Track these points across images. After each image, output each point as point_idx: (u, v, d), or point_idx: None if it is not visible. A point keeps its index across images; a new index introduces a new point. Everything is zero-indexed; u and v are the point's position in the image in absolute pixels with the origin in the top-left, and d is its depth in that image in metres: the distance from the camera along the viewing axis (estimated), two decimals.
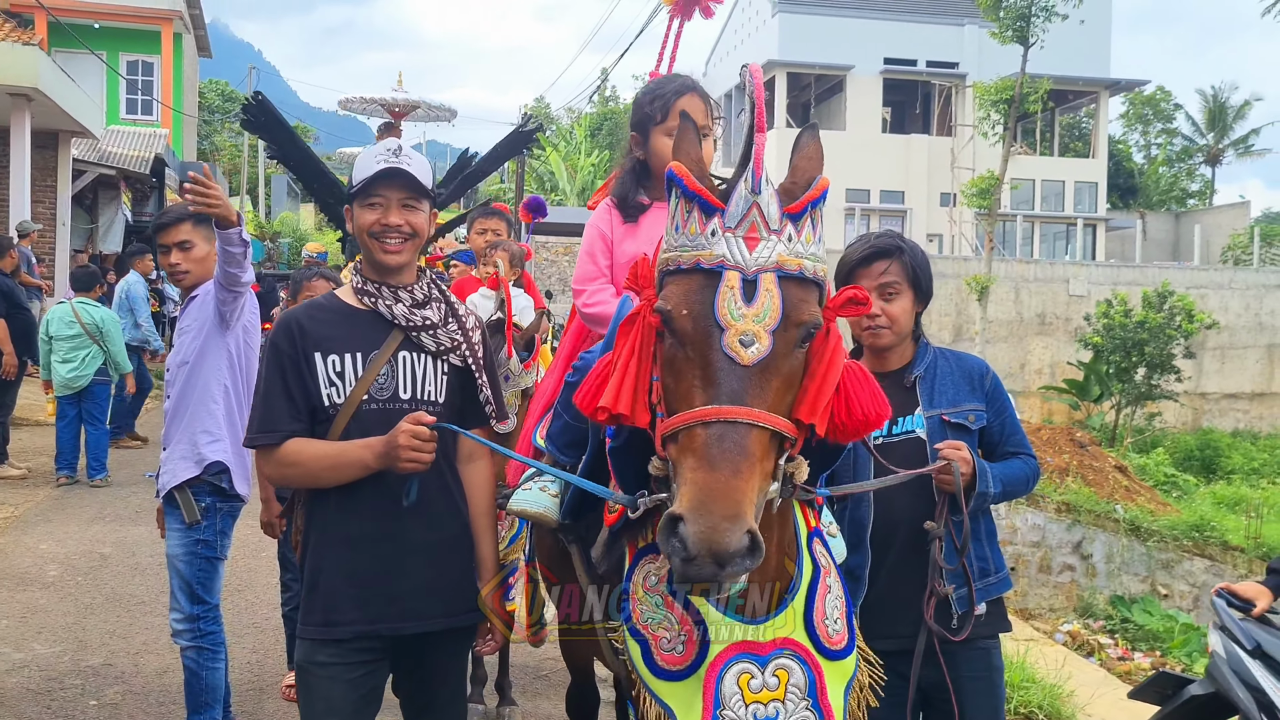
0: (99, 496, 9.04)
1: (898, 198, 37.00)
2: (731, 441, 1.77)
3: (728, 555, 1.69)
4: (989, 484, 2.76)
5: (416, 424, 2.43)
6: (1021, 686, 5.16)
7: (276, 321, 2.72)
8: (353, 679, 2.57)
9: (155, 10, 22.88)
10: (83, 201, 18.90)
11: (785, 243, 1.91)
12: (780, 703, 2.10)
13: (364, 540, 2.58)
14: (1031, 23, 21.46)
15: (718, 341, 1.84)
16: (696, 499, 1.72)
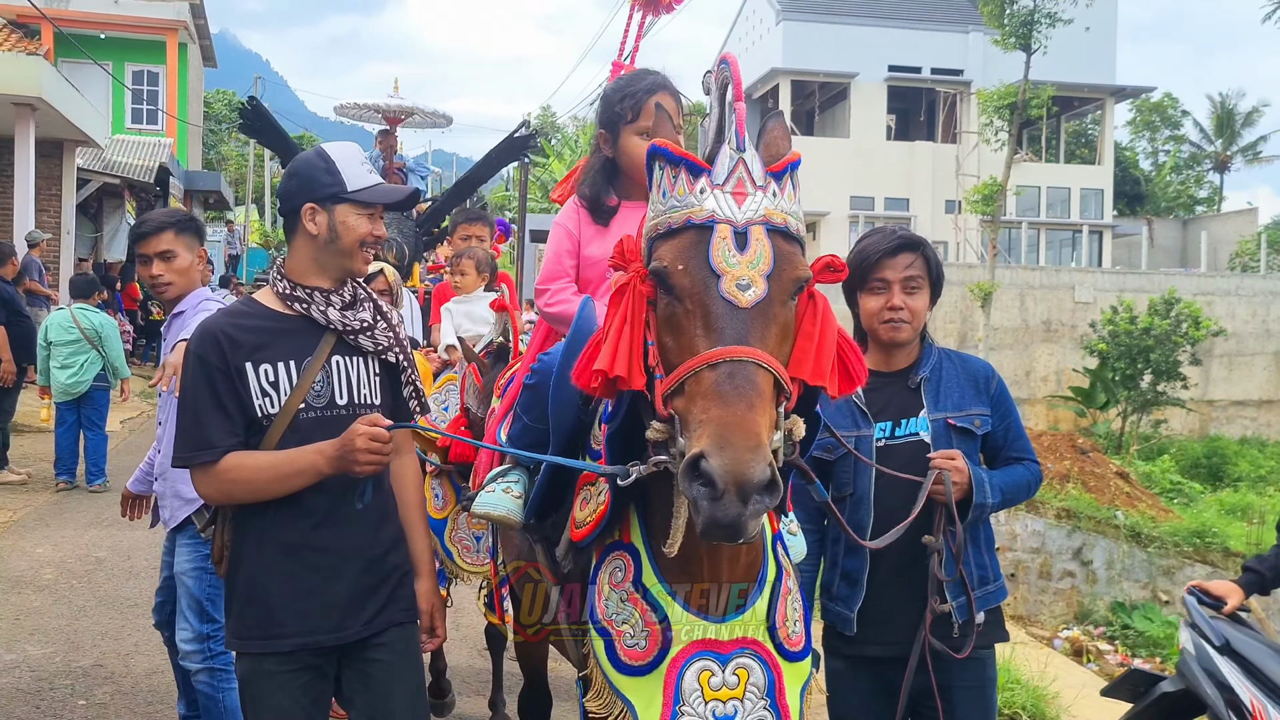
0: (97, 501, 9.09)
1: (902, 205, 37.01)
2: (742, 378, 1.78)
3: (753, 486, 1.68)
4: (987, 495, 2.73)
5: (373, 426, 2.39)
6: (1006, 688, 5.16)
7: (197, 331, 2.59)
8: (302, 683, 2.54)
9: (160, 21, 23.03)
10: (88, 210, 19.03)
11: (771, 198, 1.95)
12: (739, 701, 2.13)
13: (303, 548, 2.52)
14: (1035, 30, 21.50)
15: (715, 289, 1.86)
16: (717, 434, 1.72)
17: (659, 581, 2.15)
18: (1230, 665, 3.30)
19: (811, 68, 36.76)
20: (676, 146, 2.01)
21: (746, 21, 40.81)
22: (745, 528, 1.71)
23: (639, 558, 2.19)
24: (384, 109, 7.39)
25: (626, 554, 2.21)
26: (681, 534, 1.97)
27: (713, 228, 1.90)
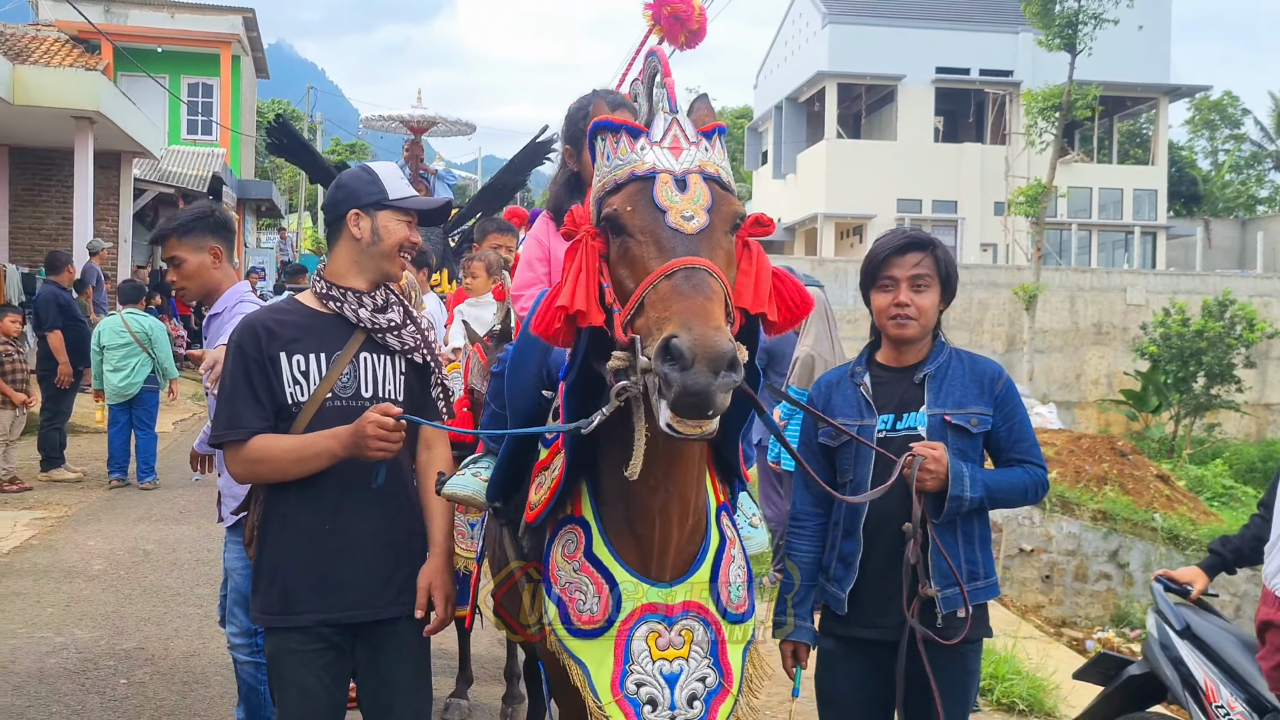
0: (147, 498, 9.48)
1: (950, 207, 36.78)
2: (698, 279, 1.94)
3: (720, 357, 1.80)
4: (965, 489, 2.76)
5: (384, 414, 2.55)
6: (1006, 679, 5.27)
7: (239, 324, 2.80)
8: (324, 662, 2.69)
9: (214, 34, 23.71)
10: (144, 219, 19.64)
11: (704, 151, 2.15)
12: (684, 660, 2.30)
13: (321, 531, 2.68)
14: (1080, 30, 21.35)
15: (663, 220, 2.04)
16: (683, 318, 1.86)
17: (608, 551, 2.31)
18: (1189, 648, 3.42)
19: (858, 70, 36.69)
20: (612, 115, 2.20)
21: (793, 25, 40.80)
22: (714, 397, 1.82)
23: (589, 530, 2.34)
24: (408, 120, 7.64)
25: (578, 527, 2.36)
26: (641, 457, 2.09)
27: (654, 176, 2.09)
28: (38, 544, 7.78)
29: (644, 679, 2.27)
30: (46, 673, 5.25)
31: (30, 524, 8.32)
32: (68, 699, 4.92)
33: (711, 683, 2.32)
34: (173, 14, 23.76)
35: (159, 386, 9.87)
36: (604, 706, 2.25)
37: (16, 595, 6.52)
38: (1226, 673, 3.29)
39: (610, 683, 2.26)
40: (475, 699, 4.98)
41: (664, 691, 2.27)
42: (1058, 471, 13.27)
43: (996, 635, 5.82)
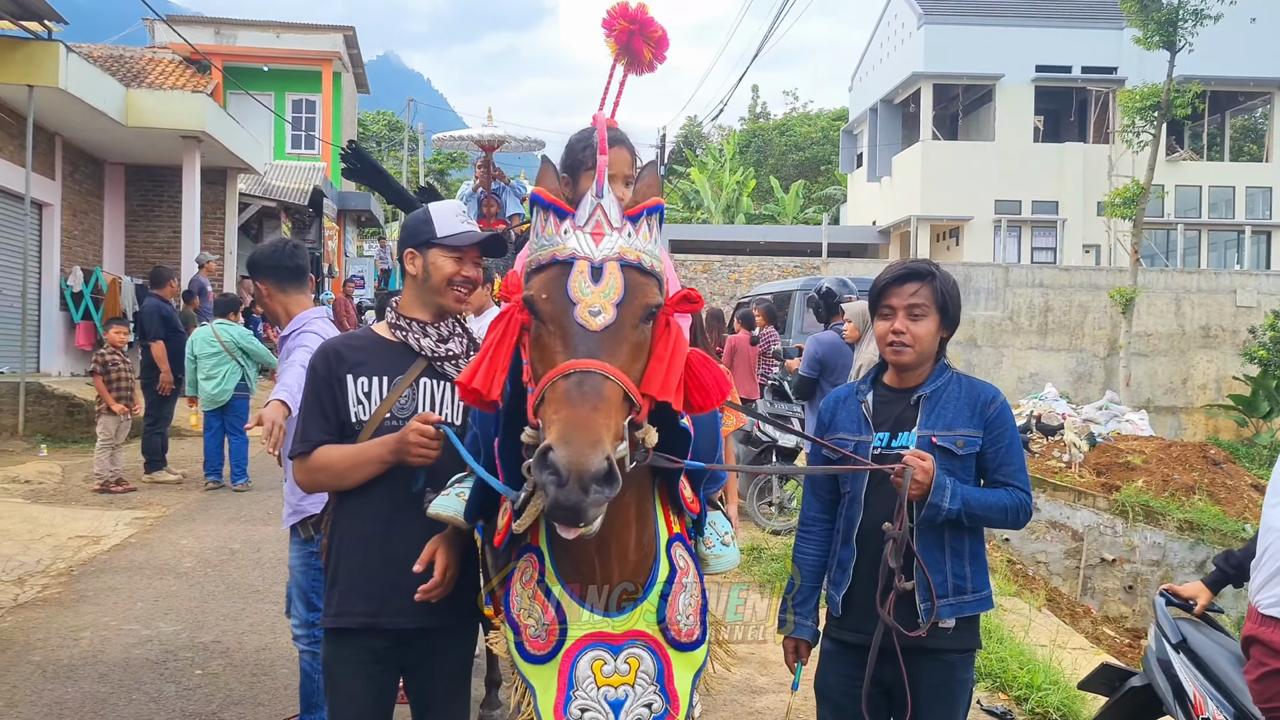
0: (239, 499, 10.04)
1: (1051, 208, 35.97)
2: (589, 386, 2.01)
3: (590, 476, 1.89)
4: (945, 499, 2.85)
5: (424, 423, 2.76)
6: (1042, 689, 5.33)
7: (317, 349, 3.05)
8: (370, 674, 2.88)
9: (317, 52, 24.66)
10: (249, 231, 20.55)
11: (626, 238, 2.21)
12: (630, 687, 2.39)
13: (374, 539, 2.87)
14: (1179, 27, 20.77)
15: (571, 315, 2.12)
16: (561, 431, 1.95)
17: (558, 580, 2.42)
18: (1182, 661, 3.49)
19: (954, 71, 36.14)
20: (548, 194, 2.28)
21: (888, 26, 40.38)
22: (586, 512, 1.92)
23: (543, 559, 2.46)
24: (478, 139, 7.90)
25: (534, 555, 2.48)
26: (533, 518, 2.26)
27: (572, 263, 2.16)
28: (135, 542, 8.34)
29: (588, 704, 2.37)
30: (130, 662, 5.70)
31: (131, 523, 8.91)
32: (146, 687, 5.35)
33: (658, 709, 2.41)
34: (278, 34, 24.78)
35: (249, 393, 10.41)
36: None
37: (112, 590, 7.04)
38: (1217, 686, 3.34)
39: (554, 706, 2.37)
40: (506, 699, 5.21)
41: (608, 717, 2.37)
42: (1144, 480, 13.02)
43: (1036, 646, 5.92)
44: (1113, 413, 15.75)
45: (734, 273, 28.94)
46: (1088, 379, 27.78)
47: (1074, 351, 28.70)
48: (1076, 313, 28.60)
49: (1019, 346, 28.64)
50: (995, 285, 28.72)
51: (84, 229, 16.97)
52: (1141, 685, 3.71)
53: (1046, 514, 12.57)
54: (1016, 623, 6.49)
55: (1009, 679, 5.42)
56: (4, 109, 13.71)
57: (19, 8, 12.46)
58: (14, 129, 13.82)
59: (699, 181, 43.88)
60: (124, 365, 10.21)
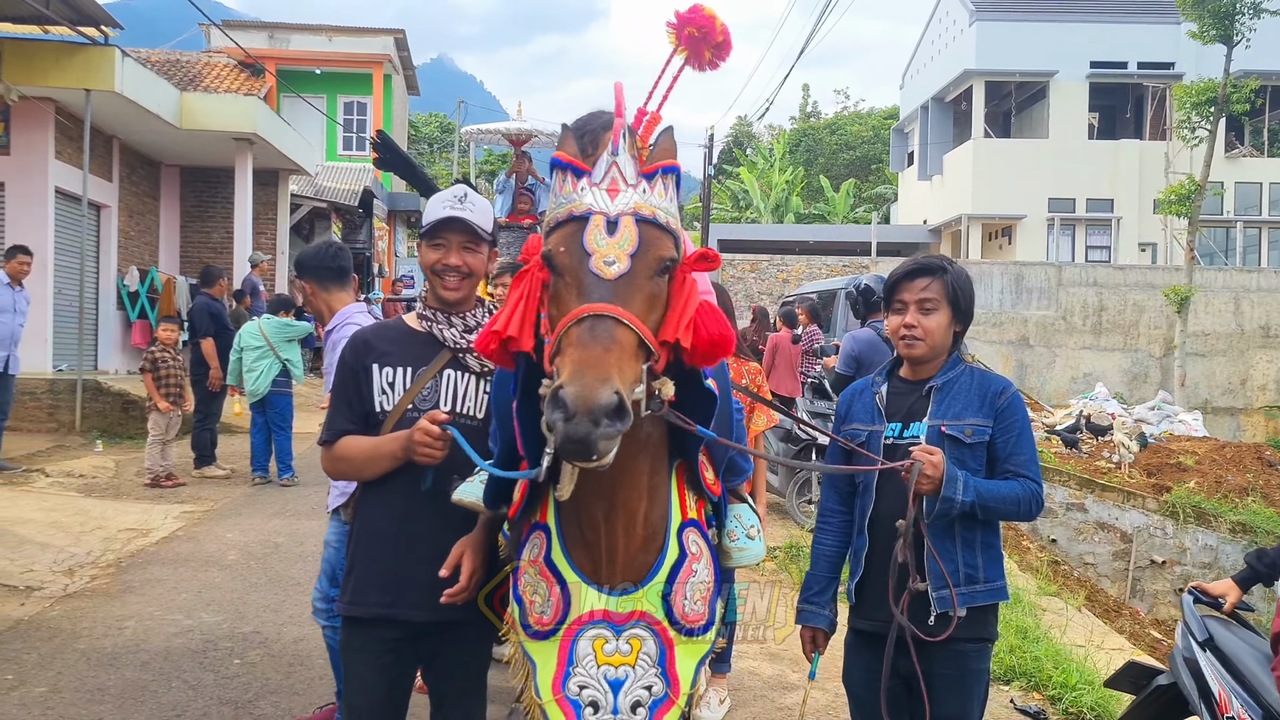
0: (285, 494, 10.21)
1: (1106, 206, 35.43)
2: (601, 329, 2.05)
3: (599, 409, 1.91)
4: (957, 492, 2.89)
5: (431, 422, 2.72)
6: (1076, 688, 5.27)
7: (349, 338, 3.07)
8: (381, 664, 2.90)
9: (368, 55, 24.99)
10: (300, 231, 20.87)
11: (641, 194, 2.24)
12: (630, 668, 2.38)
13: (389, 534, 2.90)
14: (1236, 21, 20.38)
15: (586, 265, 2.15)
16: (573, 369, 1.98)
17: (564, 556, 2.43)
18: (1208, 659, 3.44)
19: (1007, 68, 35.73)
20: (566, 155, 2.33)
21: (940, 23, 40.02)
22: (595, 444, 1.93)
23: (550, 536, 2.47)
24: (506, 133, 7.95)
25: (542, 533, 2.49)
26: (572, 479, 2.25)
27: (589, 218, 2.20)
28: (183, 535, 8.51)
29: (587, 682, 2.38)
30: (171, 651, 5.82)
31: (179, 517, 9.10)
32: (186, 675, 5.47)
33: (658, 691, 2.41)
34: (330, 37, 25.14)
35: (290, 391, 10.57)
36: (544, 705, 2.39)
37: (158, 581, 7.19)
38: (1243, 684, 3.29)
39: (552, 682, 2.39)
40: None
41: (607, 696, 2.37)
42: (1196, 481, 12.79)
43: (1073, 646, 5.85)
44: (1165, 413, 15.49)
45: (781, 272, 28.83)
46: (1143, 379, 27.33)
47: (1129, 351, 28.25)
48: (1131, 312, 28.15)
49: (1072, 346, 28.25)
50: (1048, 284, 28.35)
51: (140, 230, 17.34)
52: (1168, 684, 3.66)
53: (1095, 515, 12.40)
54: (1054, 622, 6.41)
55: (1044, 678, 5.37)
56: (63, 113, 14.06)
57: (77, 14, 12.78)
58: (73, 132, 14.16)
59: (748, 181, 43.77)
60: (173, 363, 10.41)
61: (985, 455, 3.06)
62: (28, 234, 13.68)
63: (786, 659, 5.77)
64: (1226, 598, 3.64)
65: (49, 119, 13.84)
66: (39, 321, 13.83)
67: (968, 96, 37.07)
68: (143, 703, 5.08)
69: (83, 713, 4.92)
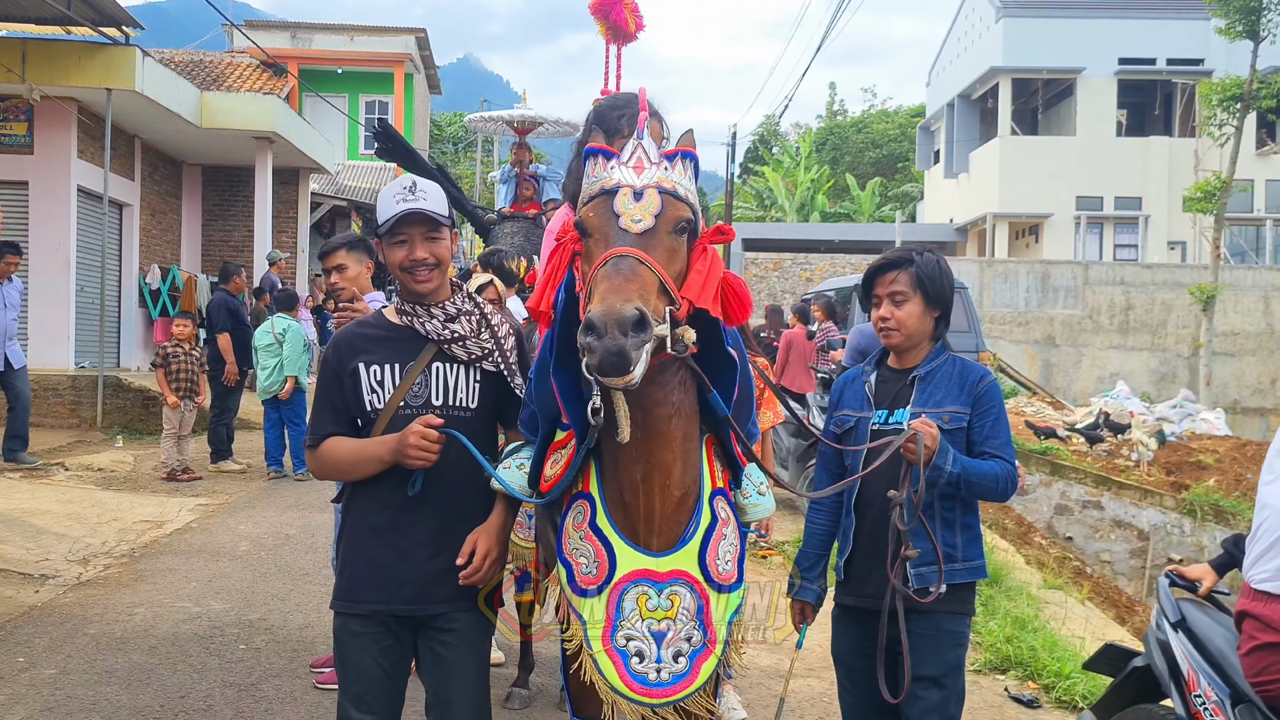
0: (299, 488, 10.31)
1: (1134, 204, 35.07)
2: (624, 265, 2.31)
3: (625, 321, 2.16)
4: (948, 461, 3.07)
5: (426, 425, 2.75)
6: (1069, 677, 5.26)
7: (330, 340, 3.08)
8: (381, 648, 2.91)
9: (389, 54, 25.18)
10: (321, 230, 21.05)
11: (663, 170, 2.52)
12: (671, 621, 2.59)
13: (382, 529, 2.90)
14: (1263, 16, 20.16)
15: (615, 224, 2.43)
16: (601, 294, 2.24)
17: (608, 521, 2.64)
18: (1180, 640, 3.44)
19: (1034, 65, 35.46)
20: (601, 143, 2.62)
21: (965, 20, 39.78)
22: (628, 355, 2.18)
23: (594, 504, 2.66)
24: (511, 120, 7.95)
25: (586, 501, 2.69)
26: (627, 421, 2.44)
27: (617, 190, 2.48)
28: (196, 527, 8.62)
29: (633, 634, 2.58)
30: (179, 637, 5.91)
31: (194, 509, 9.21)
32: (191, 659, 5.55)
33: (696, 642, 2.61)
34: (352, 37, 25.36)
35: (302, 386, 10.64)
36: (595, 654, 2.59)
37: (170, 571, 7.30)
38: (1213, 665, 3.29)
39: (602, 634, 2.59)
40: (536, 686, 5.16)
41: (651, 646, 2.58)
42: (1215, 480, 12.67)
43: (1073, 637, 5.84)
44: (1187, 411, 15.36)
45: (805, 270, 28.79)
46: (1171, 379, 27.08)
47: (1156, 351, 28.00)
48: (1159, 311, 27.91)
49: (1099, 346, 28.03)
50: (1074, 283, 28.15)
51: (162, 228, 17.55)
52: (1144, 665, 3.66)
53: (1112, 513, 12.32)
54: (1054, 614, 6.40)
55: (1038, 667, 5.38)
56: (85, 112, 14.25)
57: (98, 14, 12.95)
58: (95, 131, 14.35)
59: (772, 180, 43.69)
60: (185, 358, 10.42)
61: (964, 440, 3.22)
62: (50, 232, 13.93)
63: (784, 649, 5.78)
64: (1202, 581, 3.65)
65: (71, 118, 14.04)
66: (61, 319, 14.06)
67: (994, 94, 36.83)
68: (148, 685, 5.16)
69: (90, 694, 5.00)
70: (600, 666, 2.58)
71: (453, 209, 7.66)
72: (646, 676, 2.56)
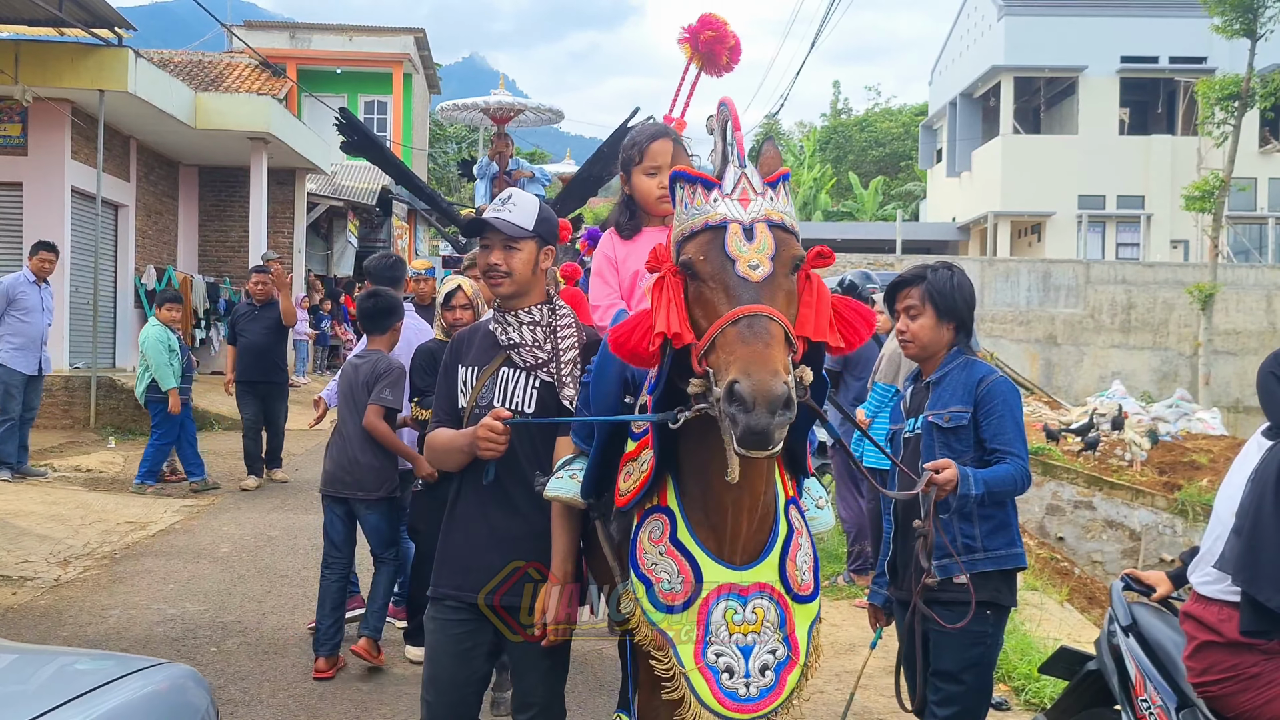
0: (285, 490, 10.31)
1: (1137, 203, 35.01)
2: (760, 326, 2.23)
3: (777, 400, 2.11)
4: (971, 488, 3.23)
5: (495, 419, 2.90)
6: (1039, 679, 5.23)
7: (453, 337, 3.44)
8: (452, 634, 3.10)
9: (388, 54, 25.19)
10: (318, 230, 21.06)
11: (769, 201, 2.41)
12: (757, 634, 2.58)
13: (462, 522, 3.15)
14: (1260, 14, 20.08)
15: (732, 270, 2.32)
16: (744, 364, 2.16)
17: (691, 537, 2.60)
18: (1130, 643, 3.44)
19: (1036, 63, 35.43)
20: (691, 169, 2.55)
21: (968, 19, 39.72)
22: (773, 435, 2.14)
23: (674, 519, 2.63)
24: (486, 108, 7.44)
25: (664, 515, 2.65)
26: (737, 462, 2.36)
27: (725, 227, 2.36)
28: (179, 529, 8.63)
29: (722, 650, 2.56)
30: (151, 639, 5.92)
31: (179, 511, 9.21)
32: None
33: (781, 655, 2.60)
34: (351, 37, 25.39)
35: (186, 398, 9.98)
36: (688, 673, 2.55)
37: (149, 573, 7.30)
38: (1161, 669, 3.30)
39: (694, 652, 2.56)
40: None
41: (739, 661, 2.56)
42: (1209, 479, 12.61)
43: (1049, 639, 5.81)
44: (1182, 410, 15.31)
45: None
46: (1172, 378, 27.00)
47: (1158, 350, 27.93)
48: (1161, 310, 27.84)
49: (1100, 345, 27.97)
50: (1076, 282, 28.09)
51: (158, 229, 17.56)
52: (1097, 669, 3.65)
53: (1103, 513, 12.28)
54: (1031, 615, 6.38)
55: (1009, 670, 5.36)
56: (79, 114, 14.26)
57: (90, 15, 12.96)
58: (89, 133, 14.36)
59: None
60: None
61: (971, 437, 3.42)
62: (45, 233, 13.82)
63: None
64: (1158, 588, 3.64)
65: (65, 120, 14.04)
66: (57, 319, 14.02)
67: (996, 92, 36.79)
68: None
69: None
70: (694, 685, 2.55)
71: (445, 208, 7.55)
72: (737, 692, 2.54)
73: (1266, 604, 2.84)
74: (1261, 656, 2.93)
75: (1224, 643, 2.99)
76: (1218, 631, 3.00)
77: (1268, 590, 2.84)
